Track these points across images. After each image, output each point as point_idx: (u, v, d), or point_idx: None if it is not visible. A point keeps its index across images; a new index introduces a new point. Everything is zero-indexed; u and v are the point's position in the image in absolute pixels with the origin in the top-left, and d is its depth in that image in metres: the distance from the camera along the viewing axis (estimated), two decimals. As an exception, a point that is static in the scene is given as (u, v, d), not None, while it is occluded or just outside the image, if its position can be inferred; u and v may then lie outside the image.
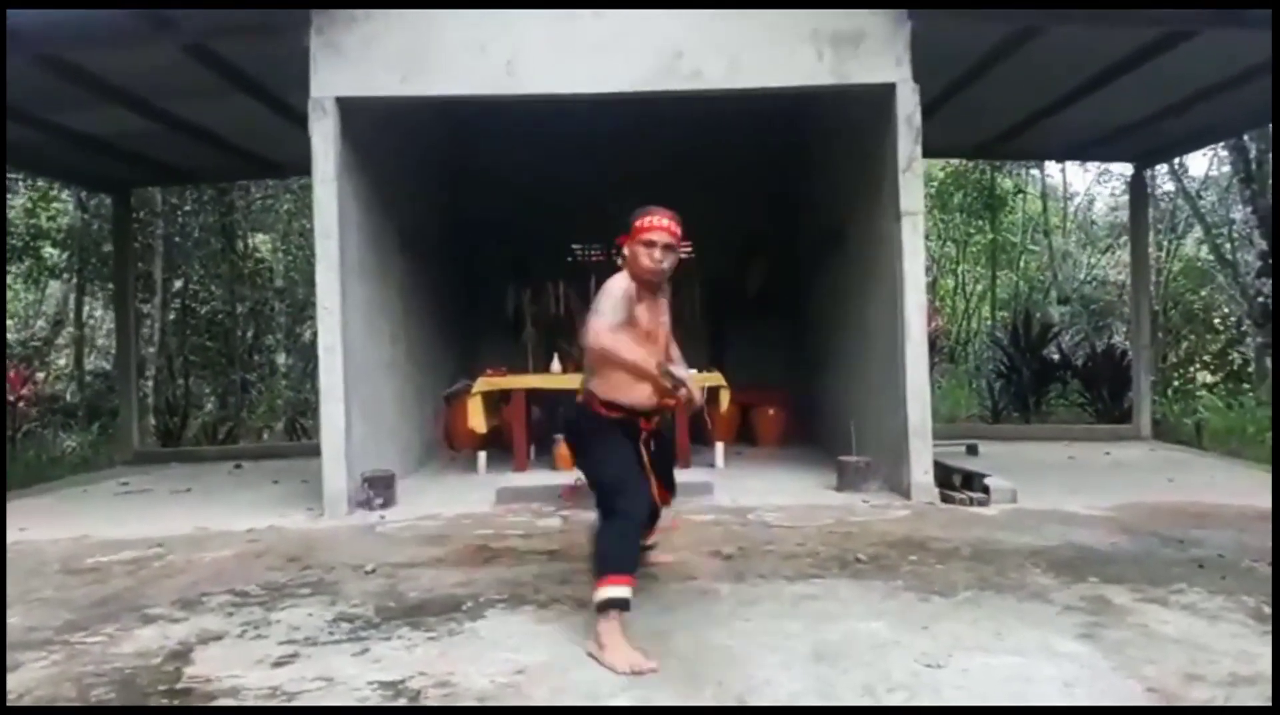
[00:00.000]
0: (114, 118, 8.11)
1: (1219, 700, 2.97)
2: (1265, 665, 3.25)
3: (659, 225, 3.82)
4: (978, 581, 4.35)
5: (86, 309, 15.71)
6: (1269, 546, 4.97)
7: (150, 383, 13.40)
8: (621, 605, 3.39)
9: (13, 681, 3.36)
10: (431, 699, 3.05)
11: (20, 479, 9.26)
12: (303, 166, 9.93)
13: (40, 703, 3.16)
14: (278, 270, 15.57)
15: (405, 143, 8.78)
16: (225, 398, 14.36)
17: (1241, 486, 6.99)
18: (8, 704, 2.46)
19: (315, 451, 7.39)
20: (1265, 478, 7.40)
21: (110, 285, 14.41)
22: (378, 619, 3.96)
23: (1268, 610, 3.90)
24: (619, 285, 3.73)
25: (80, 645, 3.78)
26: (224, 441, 12.50)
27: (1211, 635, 3.62)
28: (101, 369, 15.34)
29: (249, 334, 15.01)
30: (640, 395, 3.79)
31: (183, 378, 14.62)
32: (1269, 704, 2.92)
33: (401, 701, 3.05)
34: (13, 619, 4.18)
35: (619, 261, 3.95)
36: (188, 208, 14.34)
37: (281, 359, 15.45)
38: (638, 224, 3.85)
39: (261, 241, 16.25)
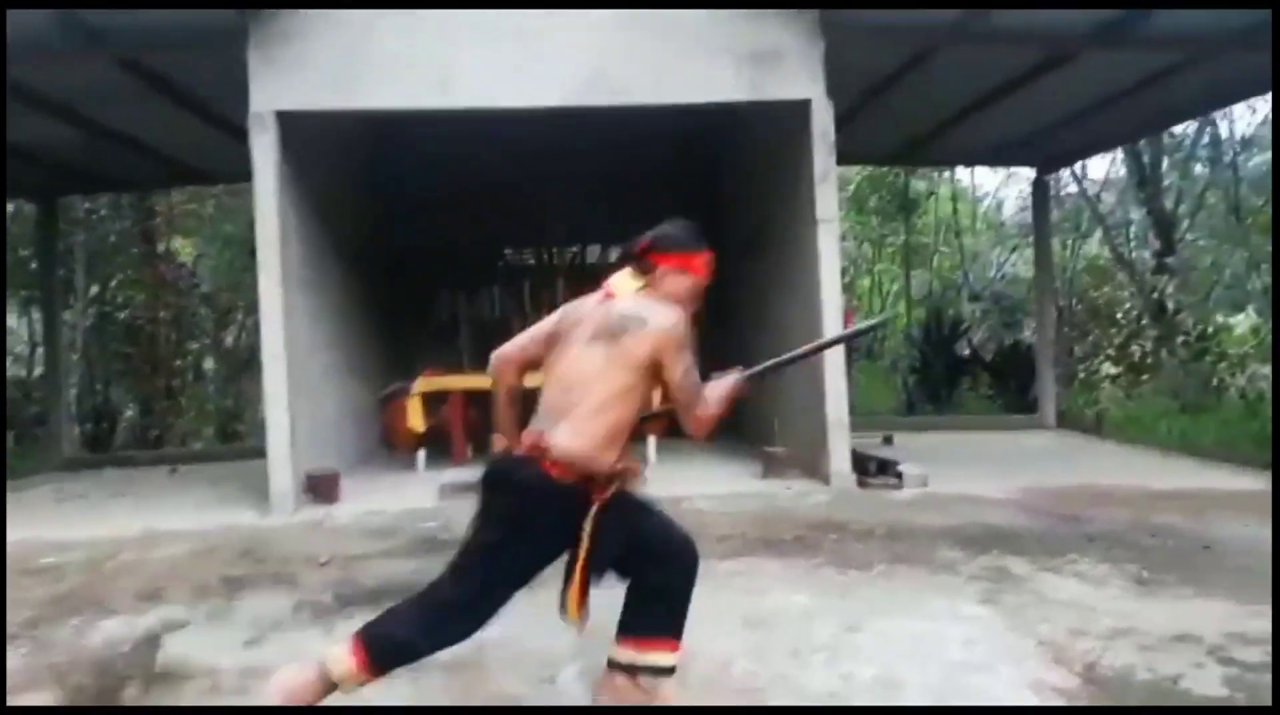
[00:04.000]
0: (40, 126, 8.08)
1: (1098, 652, 3.39)
2: (1141, 621, 3.71)
3: (708, 264, 3.06)
4: (891, 557, 4.75)
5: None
6: (1154, 522, 5.49)
7: (74, 390, 13.23)
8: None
9: (-12, 671, 3.53)
10: (399, 672, 3.30)
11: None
12: (232, 174, 10.07)
13: (17, 689, 3.33)
14: (201, 275, 15.44)
15: (341, 154, 8.95)
16: (149, 404, 14.21)
17: (1135, 470, 7.56)
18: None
19: (250, 454, 7.51)
20: (1158, 463, 8.03)
21: (23, 293, 14.22)
22: (338, 605, 4.20)
23: (1148, 575, 4.38)
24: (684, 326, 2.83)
25: (48, 637, 3.94)
26: (154, 447, 12.45)
27: (1097, 597, 4.08)
28: (18, 377, 15.05)
29: (172, 339, 14.87)
30: (613, 457, 2.78)
31: (102, 385, 14.43)
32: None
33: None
34: (-28, 617, 4.31)
35: (641, 275, 2.97)
36: (103, 212, 14.15)
37: (208, 364, 15.34)
38: (702, 257, 3.03)
39: (183, 246, 16.08)
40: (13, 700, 3.22)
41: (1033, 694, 3.01)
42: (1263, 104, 13.99)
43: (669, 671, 2.80)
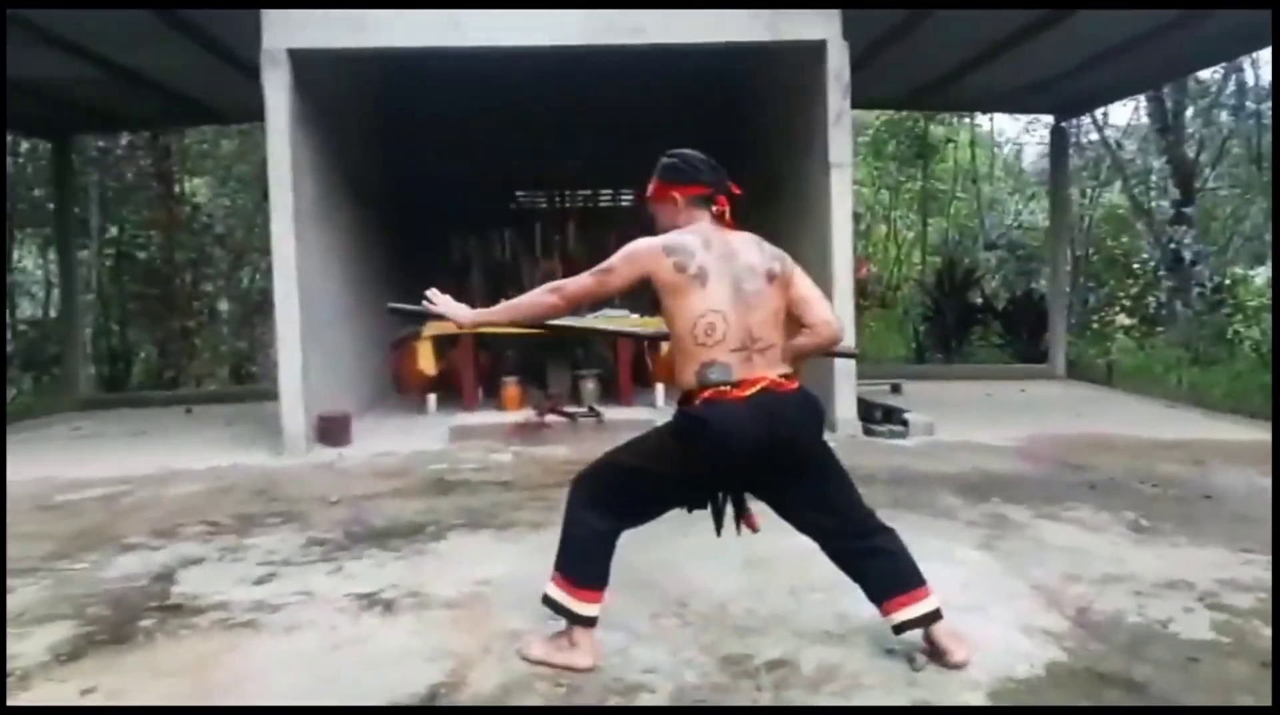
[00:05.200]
0: (52, 62, 8.11)
1: (1090, 596, 3.45)
2: (1135, 567, 3.76)
3: None
4: (892, 502, 4.81)
5: (16, 256, 15.49)
6: (1156, 472, 5.53)
7: (89, 331, 13.36)
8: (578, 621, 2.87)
9: (9, 602, 3.64)
10: (404, 607, 3.41)
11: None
12: (245, 113, 10.05)
13: (38, 621, 3.44)
14: (216, 216, 15.46)
15: (353, 93, 8.92)
16: (165, 345, 14.34)
17: (1141, 420, 7.58)
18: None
19: (264, 396, 7.56)
20: (1165, 413, 8.03)
21: (43, 232, 14.31)
22: (347, 542, 4.29)
23: (1145, 523, 4.43)
24: None
25: (68, 571, 4.06)
26: (169, 388, 12.60)
27: (1093, 543, 4.13)
28: (35, 318, 15.20)
29: (188, 280, 14.95)
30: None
31: (119, 325, 14.56)
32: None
33: (376, 610, 3.40)
34: (-7, 550, 4.43)
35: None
36: (120, 152, 14.18)
37: (223, 306, 15.43)
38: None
39: (198, 186, 16.10)
40: (34, 631, 3.33)
41: (1023, 635, 3.07)
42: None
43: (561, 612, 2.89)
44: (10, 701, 2.77)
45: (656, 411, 8.06)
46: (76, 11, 7.03)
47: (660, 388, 8.63)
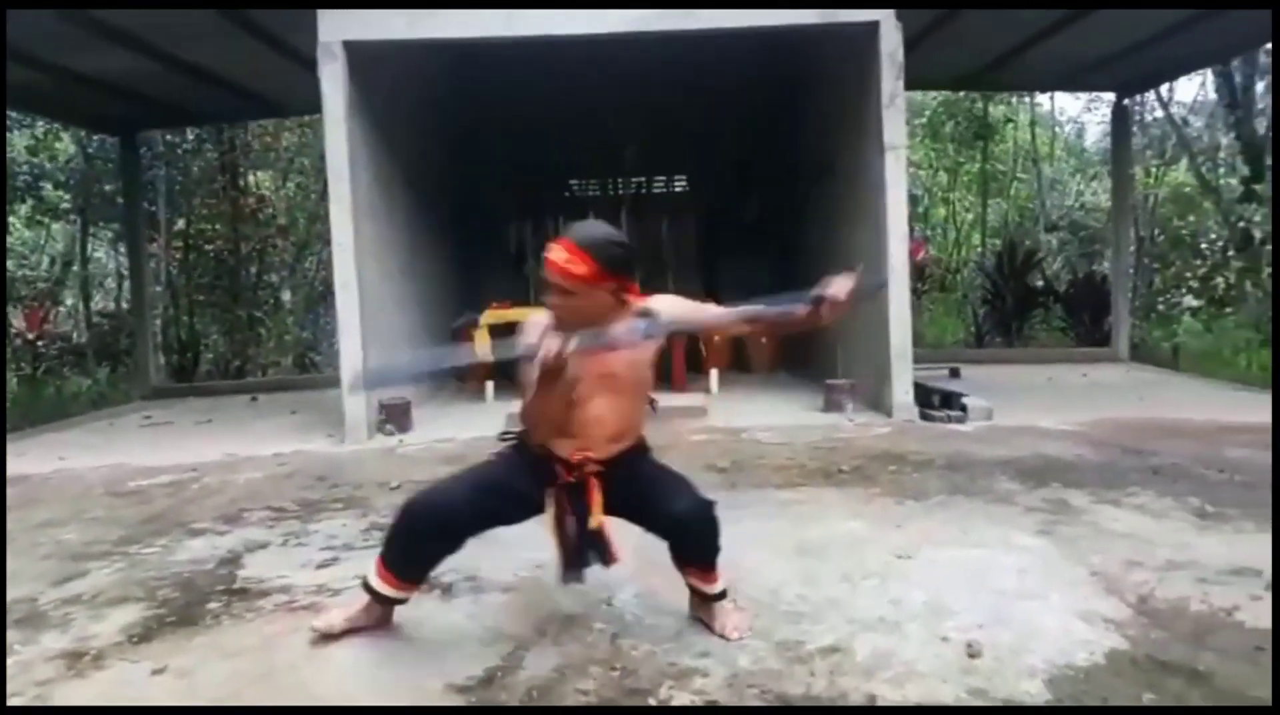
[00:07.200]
0: (118, 59, 8.33)
1: (1152, 583, 3.39)
2: (1199, 554, 3.68)
3: (546, 256, 2.80)
4: (949, 488, 4.77)
5: (90, 248, 15.94)
6: (1224, 456, 5.39)
7: (159, 321, 13.71)
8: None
9: (84, 585, 3.78)
10: (462, 590, 3.47)
11: (44, 415, 9.68)
12: (305, 106, 10.22)
13: (112, 602, 3.56)
14: (279, 208, 15.76)
15: (409, 84, 9.02)
16: (232, 335, 14.68)
17: (1209, 404, 7.40)
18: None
19: (327, 384, 7.70)
20: (1234, 396, 7.83)
21: (114, 226, 14.72)
22: (407, 527, 4.36)
23: (1211, 509, 4.33)
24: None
25: (138, 555, 4.19)
26: (235, 376, 12.90)
27: (1156, 530, 4.05)
28: (108, 310, 15.65)
29: (253, 272, 15.29)
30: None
31: (187, 316, 14.94)
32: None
33: (434, 593, 3.46)
34: (70, 535, 4.59)
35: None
36: (187, 147, 14.52)
37: (286, 296, 15.75)
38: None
39: (262, 179, 16.43)
40: (108, 612, 3.44)
41: (1083, 623, 3.02)
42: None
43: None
44: (86, 680, 2.88)
45: (709, 397, 8.07)
46: (142, 9, 7.20)
47: (715, 374, 8.64)
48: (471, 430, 6.96)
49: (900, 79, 6.82)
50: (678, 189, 12.16)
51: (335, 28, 6.69)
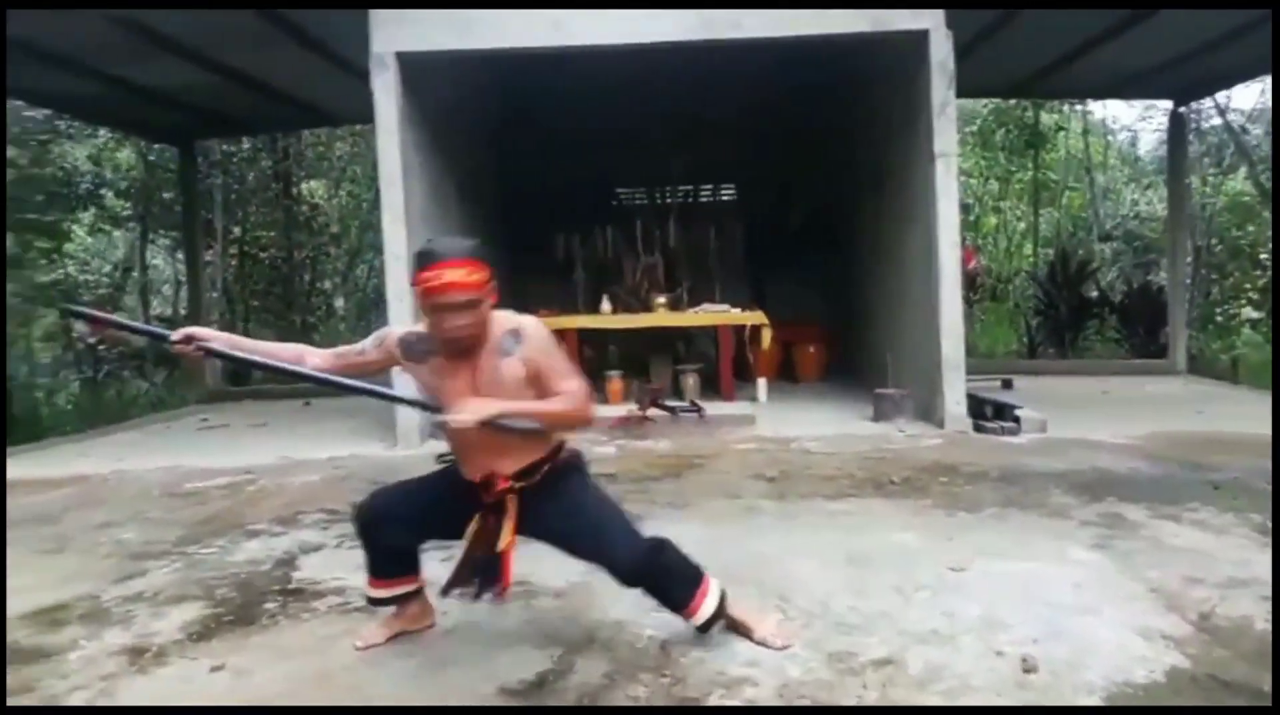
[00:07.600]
0: (176, 71, 8.53)
1: (1214, 600, 3.32)
2: (1261, 570, 3.59)
3: (436, 284, 2.66)
4: (1002, 500, 4.71)
5: (149, 255, 16.30)
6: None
7: (215, 327, 13.95)
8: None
9: (143, 583, 3.87)
10: (514, 595, 3.48)
11: (105, 417, 9.91)
12: (357, 116, 10.38)
13: (171, 601, 3.64)
14: (331, 216, 16.01)
15: (459, 94, 9.11)
16: (285, 340, 14.87)
17: (1269, 417, 7.20)
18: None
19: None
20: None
21: (173, 233, 15.04)
22: (458, 532, 4.40)
23: (1273, 526, 4.23)
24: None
25: (196, 555, 4.28)
26: (289, 381, 13.08)
27: (1216, 546, 3.96)
28: (166, 315, 15.98)
29: (306, 278, 15.54)
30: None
31: (243, 322, 15.22)
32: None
33: (487, 597, 3.48)
34: (129, 534, 4.71)
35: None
36: (243, 156, 14.82)
37: (339, 303, 15.98)
38: (416, 276, 2.72)
39: (315, 188, 16.72)
40: (168, 610, 3.52)
41: (1141, 639, 2.97)
42: None
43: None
44: (148, 676, 2.94)
45: (757, 406, 8.05)
46: (197, 20, 7.37)
47: (763, 383, 8.61)
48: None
49: (952, 87, 6.77)
50: (725, 198, 12.15)
51: (388, 39, 6.79)
